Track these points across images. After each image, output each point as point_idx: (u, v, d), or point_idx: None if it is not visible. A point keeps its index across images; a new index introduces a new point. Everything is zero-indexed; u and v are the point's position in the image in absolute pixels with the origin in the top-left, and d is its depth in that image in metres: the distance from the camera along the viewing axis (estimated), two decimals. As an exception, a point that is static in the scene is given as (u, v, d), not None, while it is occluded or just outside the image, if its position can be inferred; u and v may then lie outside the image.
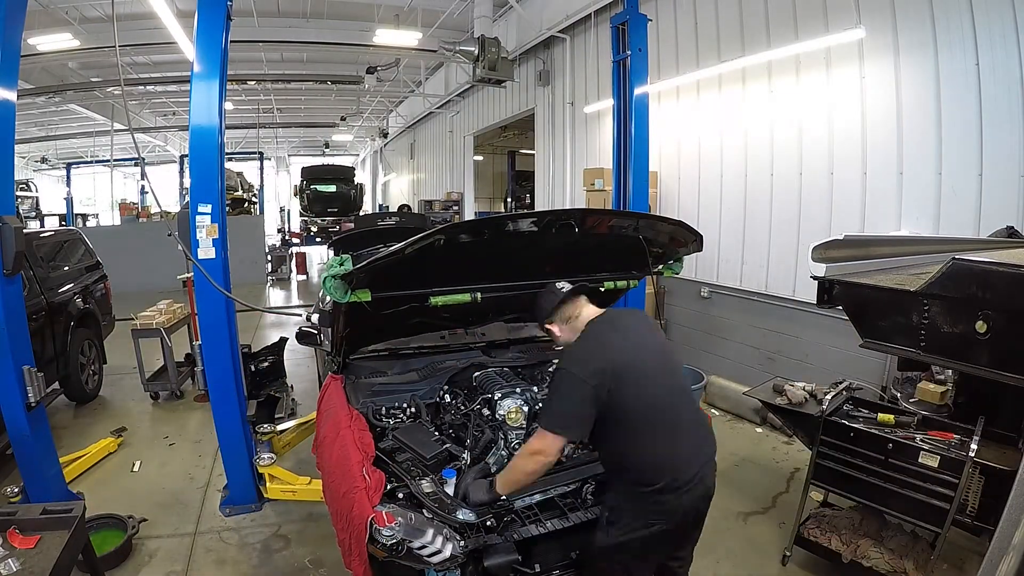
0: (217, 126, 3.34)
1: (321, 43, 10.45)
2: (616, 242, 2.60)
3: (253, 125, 17.48)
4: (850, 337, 2.78)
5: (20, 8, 2.90)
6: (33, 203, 19.23)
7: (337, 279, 2.07)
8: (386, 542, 1.84)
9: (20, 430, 3.05)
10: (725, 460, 4.30)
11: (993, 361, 2.08)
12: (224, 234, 3.44)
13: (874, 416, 2.86)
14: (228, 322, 3.51)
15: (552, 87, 8.95)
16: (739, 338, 5.65)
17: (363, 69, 11.89)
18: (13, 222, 2.88)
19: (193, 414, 5.31)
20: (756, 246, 5.37)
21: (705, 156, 5.94)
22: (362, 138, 23.42)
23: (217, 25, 3.31)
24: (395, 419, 2.67)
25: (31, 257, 4.76)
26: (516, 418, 2.48)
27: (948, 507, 2.44)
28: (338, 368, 2.88)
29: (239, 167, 20.19)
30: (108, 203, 23.79)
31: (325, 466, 2.34)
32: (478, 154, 15.51)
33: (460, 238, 2.16)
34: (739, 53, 5.24)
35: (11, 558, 1.95)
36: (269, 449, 3.77)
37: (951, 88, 3.81)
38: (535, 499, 2.26)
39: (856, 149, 4.42)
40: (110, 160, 18.31)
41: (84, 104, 14.43)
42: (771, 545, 3.30)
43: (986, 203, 3.69)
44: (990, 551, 1.52)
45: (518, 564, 2.03)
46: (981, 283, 2.02)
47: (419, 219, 7.65)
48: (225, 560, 3.20)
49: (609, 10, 6.79)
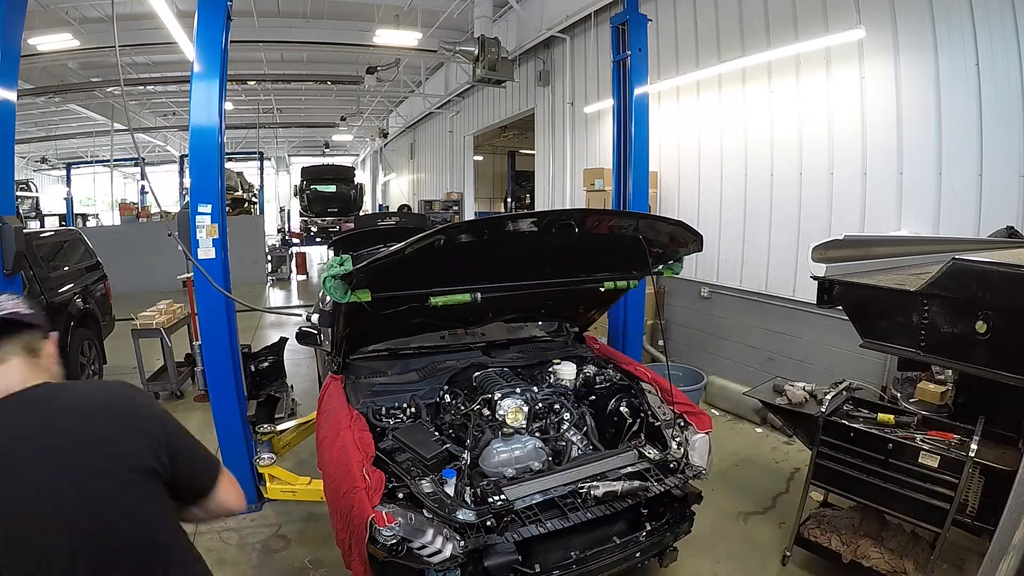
0: (217, 126, 3.34)
1: (321, 43, 10.44)
2: (616, 242, 2.61)
3: (253, 125, 17.47)
4: (850, 337, 2.78)
5: (20, 8, 2.90)
6: (33, 203, 19.23)
7: (337, 279, 2.07)
8: (386, 542, 1.84)
9: (20, 430, 3.05)
10: (725, 460, 4.30)
11: (993, 361, 2.08)
12: (224, 234, 3.45)
13: (874, 416, 2.85)
14: (228, 322, 3.51)
15: (552, 87, 8.95)
16: (739, 338, 5.65)
17: (363, 69, 11.88)
18: (13, 222, 2.87)
19: (193, 414, 5.31)
20: (756, 246, 5.37)
21: (705, 156, 5.94)
22: (362, 138, 23.41)
23: (217, 25, 3.32)
24: (395, 419, 2.67)
25: (31, 257, 4.76)
26: (516, 418, 2.48)
27: (948, 507, 2.44)
28: (338, 368, 2.88)
29: (239, 167, 20.22)
30: (108, 203, 23.81)
31: (325, 466, 2.34)
32: (478, 154, 15.51)
33: (460, 238, 2.17)
34: (739, 53, 5.24)
35: (11, 558, 1.94)
36: (269, 449, 3.77)
37: (951, 88, 3.81)
38: (535, 499, 2.26)
39: (856, 149, 4.42)
40: (110, 160, 18.30)
41: (84, 104, 14.42)
42: (771, 545, 3.30)
43: (986, 203, 3.69)
44: (990, 551, 1.52)
45: (518, 564, 2.04)
46: (981, 283, 2.02)
47: (419, 219, 7.64)
48: (225, 560, 3.20)
49: (609, 10, 6.78)
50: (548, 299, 3.08)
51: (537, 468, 2.41)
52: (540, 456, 2.48)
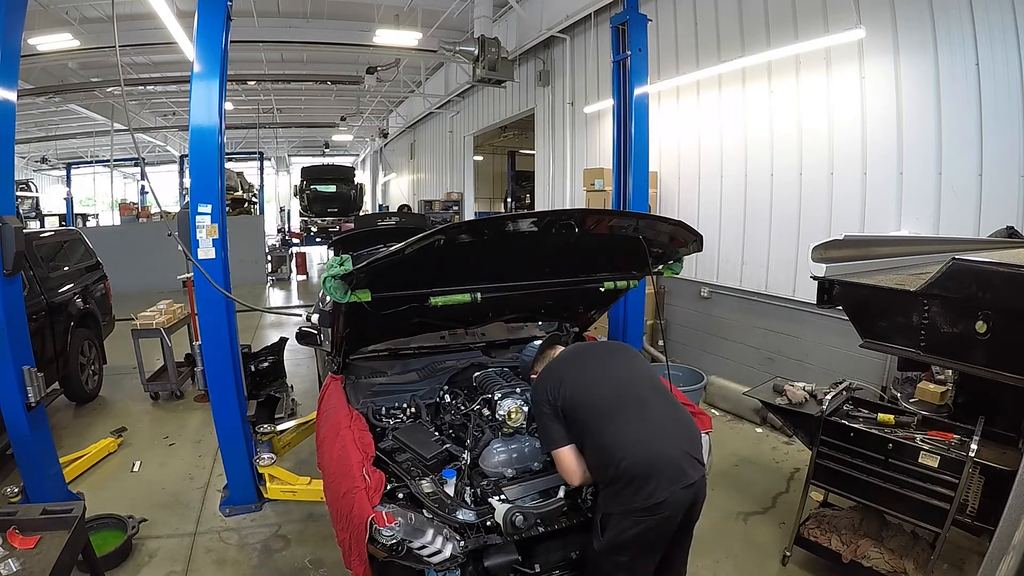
0: (217, 126, 3.34)
1: (321, 43, 10.44)
2: (616, 242, 2.60)
3: (253, 125, 17.47)
4: (850, 337, 2.78)
5: (20, 8, 2.90)
6: (33, 203, 19.24)
7: (337, 279, 2.07)
8: (386, 542, 1.84)
9: (20, 430, 3.05)
10: (725, 460, 4.30)
11: (993, 361, 2.08)
12: (224, 234, 3.44)
13: (874, 416, 2.86)
14: (228, 322, 3.51)
15: (552, 87, 8.95)
16: (739, 338, 5.65)
17: (363, 69, 11.89)
18: (13, 222, 2.88)
19: (193, 414, 5.31)
20: (756, 246, 5.37)
21: (705, 156, 5.94)
22: (362, 138, 23.41)
23: (217, 25, 3.32)
24: (395, 419, 2.67)
25: (31, 257, 4.75)
26: (516, 418, 2.48)
27: (948, 507, 2.44)
28: (338, 368, 2.87)
29: (239, 167, 20.22)
30: (108, 203, 23.82)
31: (325, 466, 2.34)
32: (478, 154, 15.51)
33: (460, 238, 2.16)
34: (739, 53, 5.24)
35: (11, 558, 1.95)
36: (269, 449, 3.77)
37: (951, 88, 3.81)
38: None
39: (856, 149, 4.42)
40: (110, 160, 18.30)
41: (84, 104, 14.42)
42: (771, 545, 3.30)
43: (986, 203, 3.69)
44: (990, 551, 1.52)
45: (518, 564, 2.03)
46: (981, 283, 2.02)
47: (419, 219, 7.64)
48: (225, 560, 3.20)
49: (609, 10, 6.79)
50: (548, 299, 3.07)
51: (537, 468, 2.41)
52: (540, 456, 2.47)
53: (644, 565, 2.07)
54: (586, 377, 2.18)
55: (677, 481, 1.93)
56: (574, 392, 2.12)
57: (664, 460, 1.95)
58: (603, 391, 2.12)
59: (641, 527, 1.94)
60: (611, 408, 2.07)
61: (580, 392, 2.12)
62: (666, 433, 2.05)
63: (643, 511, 1.92)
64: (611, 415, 2.04)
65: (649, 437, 2.01)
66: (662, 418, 2.09)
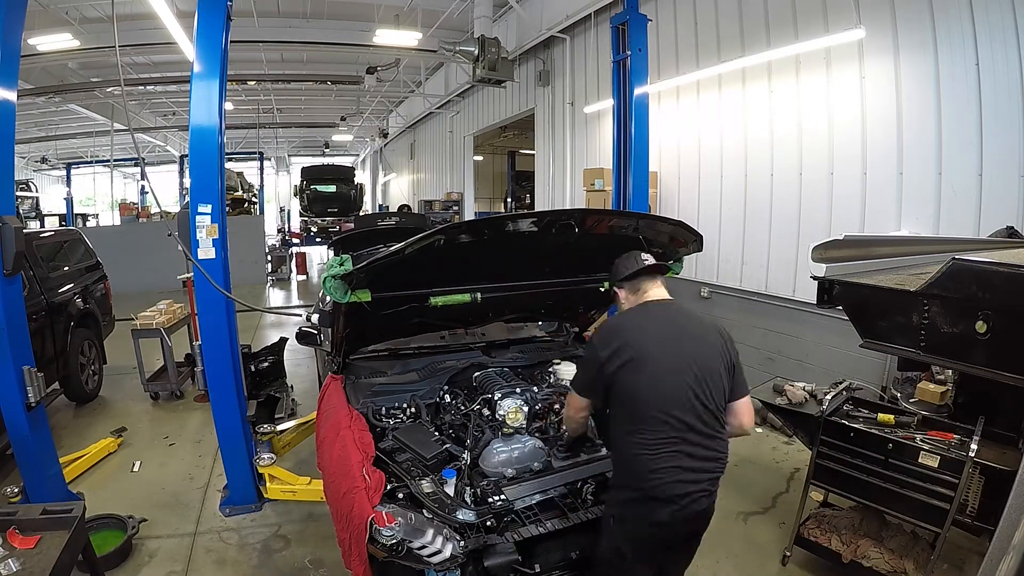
0: (217, 126, 3.34)
1: (321, 43, 10.45)
2: (616, 242, 2.60)
3: (253, 125, 17.47)
4: (850, 337, 2.78)
5: (20, 8, 2.90)
6: (33, 203, 19.24)
7: (337, 279, 2.07)
8: (386, 542, 1.84)
9: (20, 430, 3.06)
10: (725, 460, 4.30)
11: (993, 361, 2.08)
12: (224, 234, 3.44)
13: (874, 416, 2.86)
14: (228, 322, 3.51)
15: (552, 87, 8.95)
16: (739, 338, 5.56)
17: (363, 69, 11.89)
18: (13, 222, 2.88)
19: (193, 414, 5.31)
20: (756, 246, 5.37)
21: (705, 156, 5.94)
22: (362, 138, 23.41)
23: (217, 25, 3.32)
24: (395, 419, 2.66)
25: (31, 257, 4.75)
26: (516, 418, 2.48)
27: (948, 507, 2.44)
28: (338, 368, 2.87)
29: (239, 167, 20.22)
30: (108, 203, 23.81)
31: (325, 466, 2.34)
32: (478, 154, 15.51)
33: (460, 238, 2.16)
34: (739, 53, 5.24)
35: (11, 558, 1.95)
36: (269, 449, 3.77)
37: (951, 88, 3.81)
38: (535, 499, 2.26)
39: (856, 149, 4.42)
40: (110, 160, 18.30)
41: (84, 104, 14.42)
42: (771, 545, 3.30)
43: (986, 203, 3.69)
44: (990, 551, 1.52)
45: (518, 564, 2.03)
46: (981, 283, 2.02)
47: (419, 219, 7.64)
48: (225, 560, 3.20)
49: (609, 10, 6.78)
50: (548, 299, 3.08)
51: (537, 468, 2.41)
52: (540, 456, 2.47)
53: (648, 569, 2.10)
54: (655, 360, 1.97)
55: (689, 508, 1.96)
56: (637, 372, 1.96)
57: (689, 498, 1.95)
58: (659, 401, 1.94)
59: (653, 534, 1.99)
60: (661, 426, 1.93)
61: (644, 378, 1.95)
62: (701, 469, 1.97)
63: (656, 524, 1.96)
64: (656, 432, 1.93)
65: (684, 470, 1.95)
66: (703, 451, 1.97)
